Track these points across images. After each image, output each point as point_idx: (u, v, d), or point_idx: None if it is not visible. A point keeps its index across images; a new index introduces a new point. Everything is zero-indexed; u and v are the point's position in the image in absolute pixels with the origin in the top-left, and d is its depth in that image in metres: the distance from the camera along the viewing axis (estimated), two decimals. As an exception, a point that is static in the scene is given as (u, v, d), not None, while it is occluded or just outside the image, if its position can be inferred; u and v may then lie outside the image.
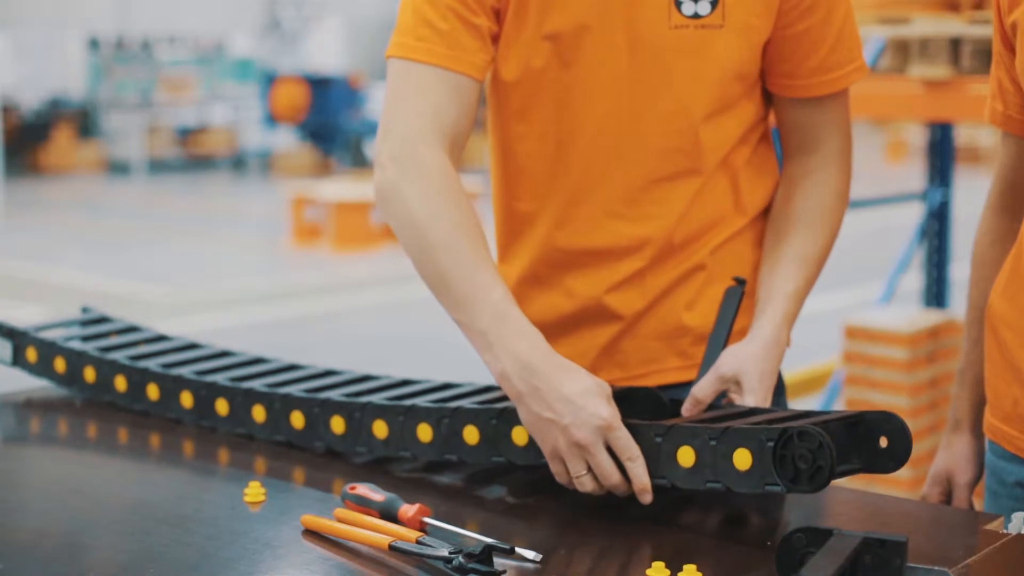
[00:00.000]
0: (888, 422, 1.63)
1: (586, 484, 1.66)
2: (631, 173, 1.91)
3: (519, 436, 1.76)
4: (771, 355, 1.84)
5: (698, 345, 1.94)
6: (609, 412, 1.64)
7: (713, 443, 1.61)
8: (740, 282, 1.89)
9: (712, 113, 1.90)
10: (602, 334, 1.97)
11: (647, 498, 1.65)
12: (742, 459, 1.59)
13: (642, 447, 1.65)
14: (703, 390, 1.80)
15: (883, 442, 1.63)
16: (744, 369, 1.81)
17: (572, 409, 1.64)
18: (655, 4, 1.85)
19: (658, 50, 1.86)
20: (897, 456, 1.63)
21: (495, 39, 1.91)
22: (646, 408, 1.83)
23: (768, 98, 2.00)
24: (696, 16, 1.85)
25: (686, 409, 1.80)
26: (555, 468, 1.69)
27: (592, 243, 1.94)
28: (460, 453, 1.81)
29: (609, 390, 1.69)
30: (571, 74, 1.90)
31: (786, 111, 1.98)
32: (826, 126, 1.97)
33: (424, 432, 1.84)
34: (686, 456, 1.63)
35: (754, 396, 1.80)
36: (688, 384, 1.87)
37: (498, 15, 1.90)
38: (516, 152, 1.97)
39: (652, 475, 1.66)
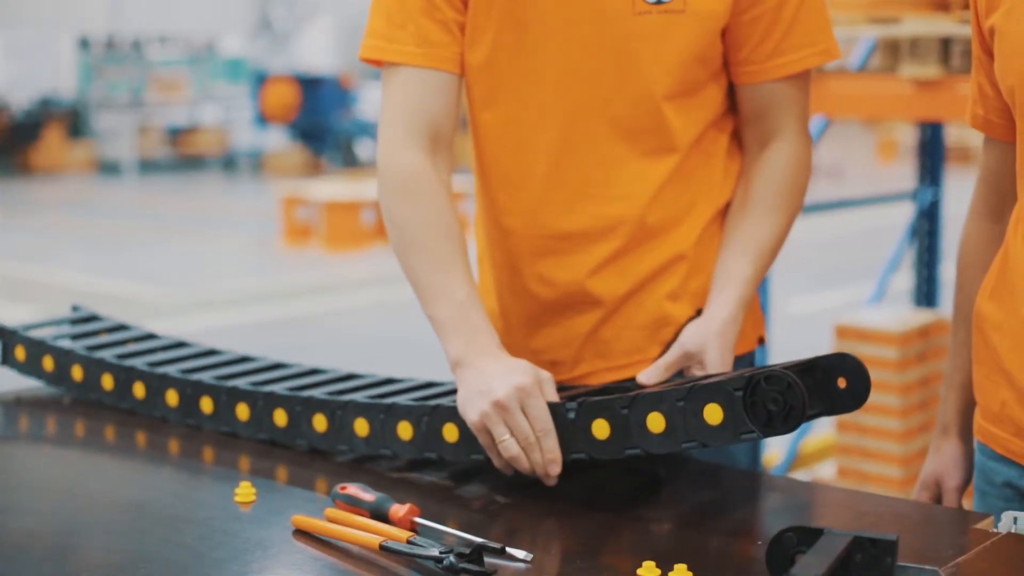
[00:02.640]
0: (843, 362, 1.64)
1: (509, 448, 1.72)
2: (603, 155, 1.94)
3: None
4: (729, 333, 1.89)
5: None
6: (530, 382, 1.72)
7: (681, 403, 1.62)
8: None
9: (676, 95, 1.93)
10: (584, 322, 1.99)
11: (555, 469, 1.72)
12: (713, 414, 1.59)
13: (555, 424, 1.71)
14: (668, 359, 1.87)
15: (841, 383, 1.64)
16: (707, 345, 1.86)
17: (499, 379, 1.73)
18: None
19: (624, 37, 1.90)
20: (856, 395, 1.65)
21: (463, 28, 1.95)
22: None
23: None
24: (659, 2, 1.88)
25: (646, 374, 1.85)
26: (482, 440, 1.75)
27: (568, 226, 1.96)
28: (440, 451, 1.82)
29: (543, 376, 1.76)
30: (538, 61, 1.93)
31: (745, 100, 2.00)
32: (782, 112, 1.99)
33: (404, 430, 1.84)
34: (656, 422, 1.64)
35: (716, 372, 1.84)
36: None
37: (465, 3, 1.94)
38: (487, 140, 2.00)
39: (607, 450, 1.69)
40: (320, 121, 20.63)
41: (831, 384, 1.65)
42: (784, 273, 2.84)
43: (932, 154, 5.21)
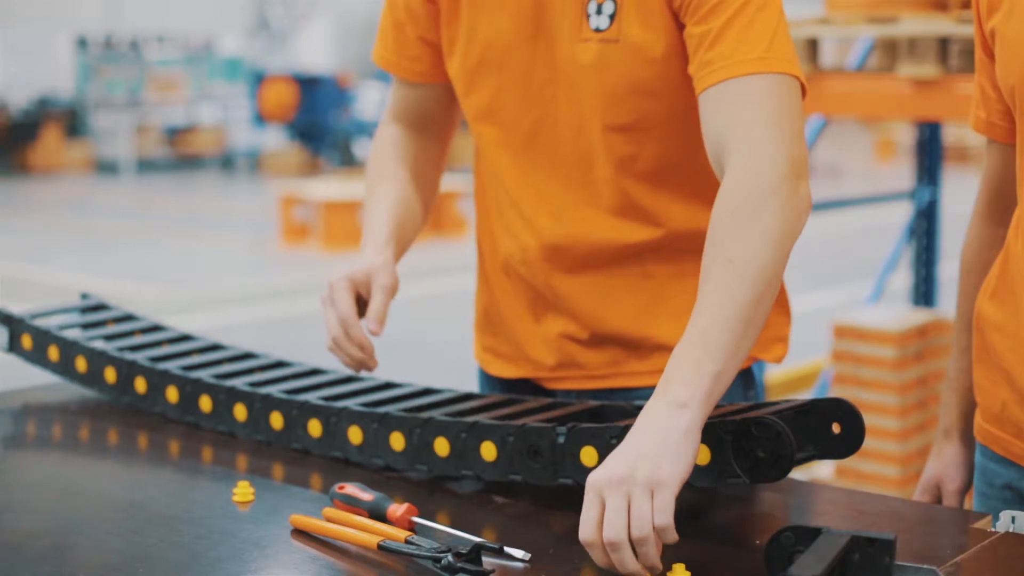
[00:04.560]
0: (840, 408, 1.63)
1: (328, 340, 1.93)
2: (552, 179, 1.93)
3: (487, 451, 1.76)
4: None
5: (660, 352, 1.94)
6: (335, 279, 1.94)
7: None
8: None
9: (621, 128, 1.87)
10: (565, 330, 1.99)
11: (368, 356, 1.92)
12: (701, 454, 1.59)
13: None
14: None
15: (836, 428, 1.64)
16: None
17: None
18: (570, 17, 1.86)
19: (570, 63, 1.87)
20: (850, 441, 1.64)
21: (435, 45, 2.02)
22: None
23: None
24: (598, 30, 1.85)
25: None
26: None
27: (552, 240, 1.95)
28: (430, 464, 1.82)
29: (356, 277, 1.94)
30: (500, 80, 1.93)
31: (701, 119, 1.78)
32: (729, 126, 1.71)
33: (397, 440, 1.84)
34: None
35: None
36: (650, 389, 1.64)
37: (435, 23, 2.00)
38: (483, 147, 2.01)
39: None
40: (318, 121, 20.63)
41: (826, 428, 1.64)
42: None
43: (930, 153, 5.22)
